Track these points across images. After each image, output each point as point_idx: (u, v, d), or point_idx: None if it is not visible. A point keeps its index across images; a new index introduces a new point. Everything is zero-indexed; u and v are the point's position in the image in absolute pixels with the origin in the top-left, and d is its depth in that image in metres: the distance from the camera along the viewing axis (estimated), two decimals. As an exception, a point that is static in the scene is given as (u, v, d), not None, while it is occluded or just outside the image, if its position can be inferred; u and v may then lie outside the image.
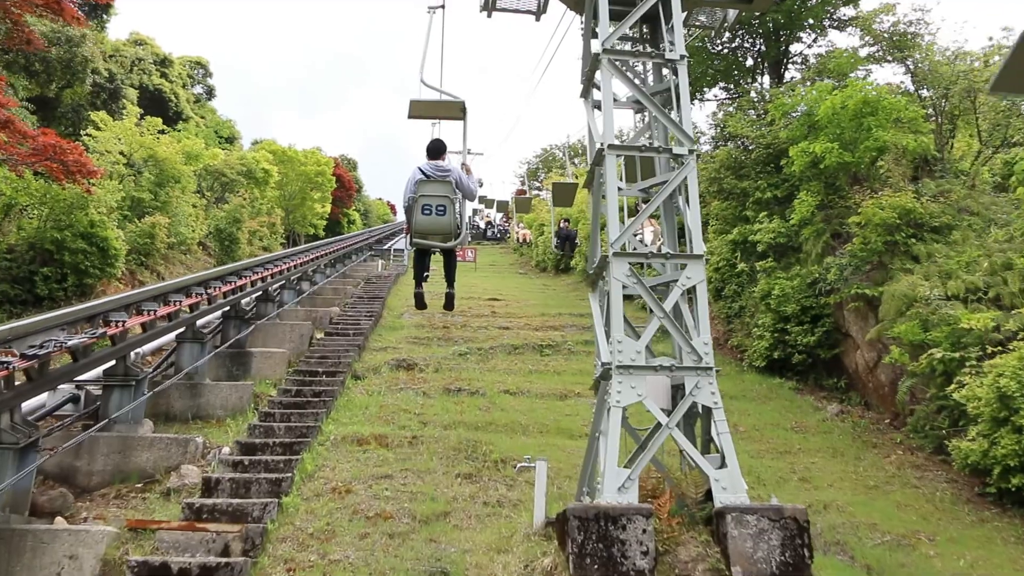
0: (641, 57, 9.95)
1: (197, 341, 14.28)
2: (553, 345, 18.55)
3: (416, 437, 12.01)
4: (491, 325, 21.64)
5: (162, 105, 43.05)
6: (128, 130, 22.54)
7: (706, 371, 8.56)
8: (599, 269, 9.30)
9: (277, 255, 21.57)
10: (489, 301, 25.88)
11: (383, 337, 19.95)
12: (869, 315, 14.85)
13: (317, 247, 27.68)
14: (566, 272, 35.57)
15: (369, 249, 40.15)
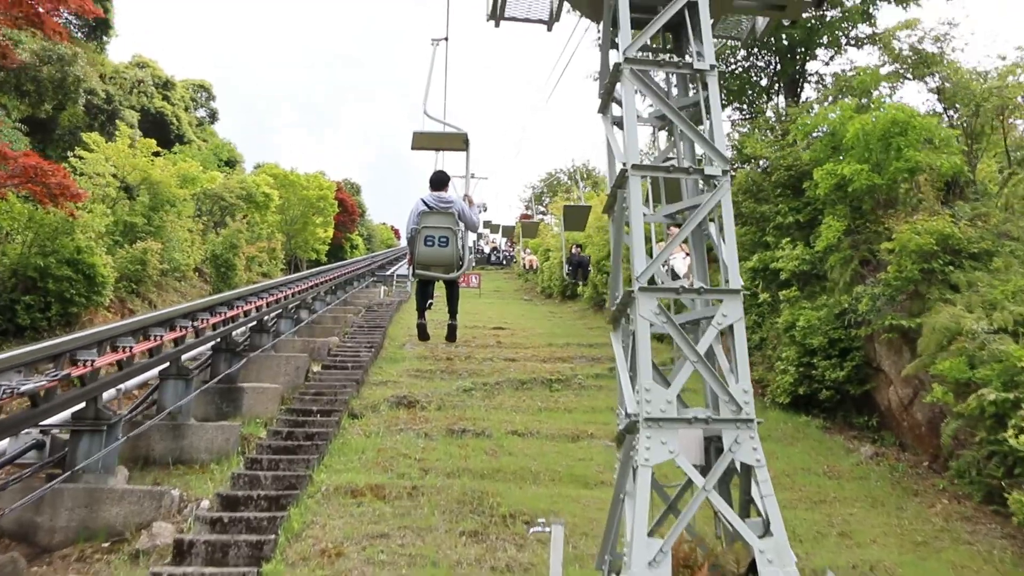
0: (667, 67, 8.81)
1: (182, 377, 13.15)
2: (563, 379, 17.36)
3: (416, 487, 10.82)
4: (496, 356, 20.48)
5: (163, 128, 42.20)
6: (121, 152, 21.50)
7: (747, 424, 7.37)
8: (622, 306, 8.15)
9: (274, 283, 20.47)
10: (494, 330, 24.75)
11: (383, 370, 18.79)
12: (904, 348, 13.67)
13: (317, 274, 26.59)
14: (572, 299, 34.44)
15: (371, 275, 39.05)
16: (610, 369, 18.27)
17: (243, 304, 16.33)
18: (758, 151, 17.09)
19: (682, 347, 7.74)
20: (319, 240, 41.43)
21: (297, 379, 17.63)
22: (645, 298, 7.63)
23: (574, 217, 18.04)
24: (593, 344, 22.32)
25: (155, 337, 11.91)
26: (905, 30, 18.27)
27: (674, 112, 8.46)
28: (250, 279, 28.03)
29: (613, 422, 14.94)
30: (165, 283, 22.44)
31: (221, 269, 24.38)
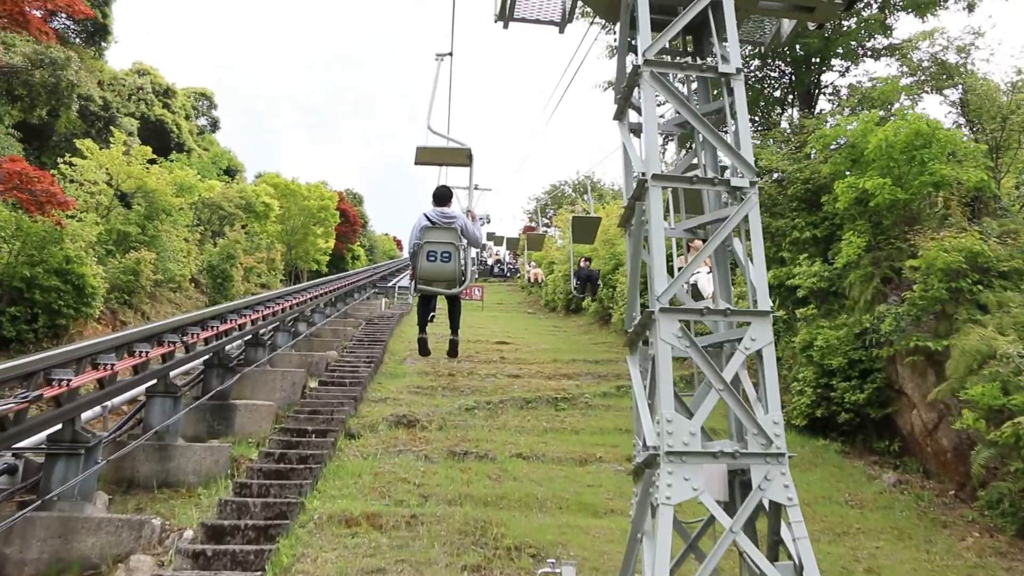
0: (689, 70, 8.18)
1: (170, 395, 12.48)
2: (569, 398, 16.68)
3: (415, 516, 10.12)
4: (500, 372, 19.81)
5: (164, 136, 41.66)
6: (115, 159, 20.89)
7: (778, 458, 6.71)
8: (641, 327, 7.48)
9: (270, 295, 19.83)
10: (497, 345, 24.07)
11: (383, 386, 18.11)
12: (928, 371, 13.00)
13: (316, 286, 25.96)
14: (577, 313, 33.76)
15: (372, 286, 38.40)
16: (618, 388, 17.62)
17: (237, 318, 15.67)
18: (773, 163, 16.45)
19: (707, 373, 7.08)
20: (320, 251, 40.83)
21: (293, 395, 16.97)
22: (666, 319, 6.98)
23: (583, 229, 17.37)
24: (599, 360, 21.64)
25: (140, 353, 11.24)
26: (924, 41, 17.71)
27: (698, 118, 7.83)
28: (248, 290, 27.40)
29: (623, 445, 14.30)
30: (159, 294, 21.80)
31: (217, 280, 23.74)
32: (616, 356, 22.31)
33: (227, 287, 23.75)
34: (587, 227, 17.33)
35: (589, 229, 17.37)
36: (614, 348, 23.91)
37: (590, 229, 17.42)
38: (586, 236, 17.77)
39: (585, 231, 17.35)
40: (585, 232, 17.38)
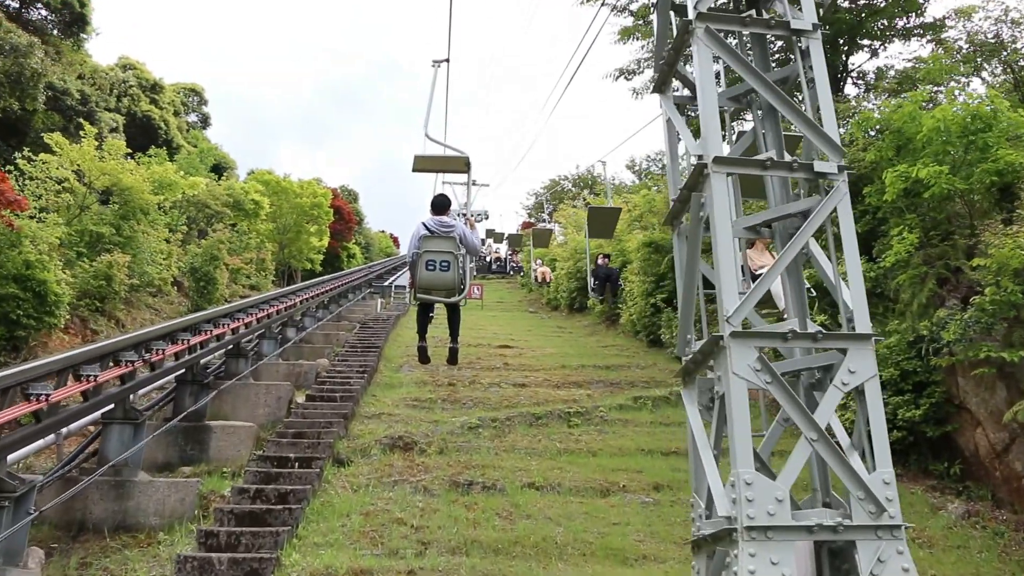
0: (753, 26, 6.43)
1: (129, 422, 10.72)
2: (582, 412, 14.94)
3: (413, 573, 8.36)
4: (504, 381, 18.09)
5: (151, 133, 39.84)
6: (87, 155, 19.09)
7: (892, 531, 5.06)
8: (702, 356, 5.75)
9: (254, 300, 18.06)
10: (500, 349, 22.34)
11: (378, 399, 16.38)
12: (998, 385, 11.31)
13: (307, 288, 24.16)
14: (581, 312, 32.01)
15: (368, 286, 36.60)
16: (635, 400, 15.94)
17: (212, 328, 13.90)
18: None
19: (795, 418, 5.38)
20: (313, 249, 38.98)
21: (278, 411, 15.28)
22: (740, 347, 5.26)
23: (600, 221, 15.53)
24: (610, 366, 19.92)
25: (87, 378, 9.47)
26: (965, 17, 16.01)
27: (768, 87, 6.09)
28: (235, 293, 25.63)
29: (647, 470, 12.57)
30: (136, 299, 20.02)
31: (200, 283, 21.95)
32: (627, 361, 20.60)
33: (211, 291, 21.96)
34: (605, 219, 15.51)
35: (607, 221, 15.56)
36: (624, 352, 22.19)
37: (608, 221, 15.61)
38: (604, 229, 15.96)
39: (603, 224, 15.53)
40: (603, 225, 15.59)
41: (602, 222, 15.52)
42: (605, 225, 15.67)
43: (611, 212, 15.86)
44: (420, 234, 8.76)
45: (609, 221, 15.62)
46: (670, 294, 22.06)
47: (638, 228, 26.31)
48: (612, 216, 15.80)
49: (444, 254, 8.69)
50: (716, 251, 5.50)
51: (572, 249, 31.34)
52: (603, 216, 15.59)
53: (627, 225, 26.06)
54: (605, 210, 16.02)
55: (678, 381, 6.37)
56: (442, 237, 8.75)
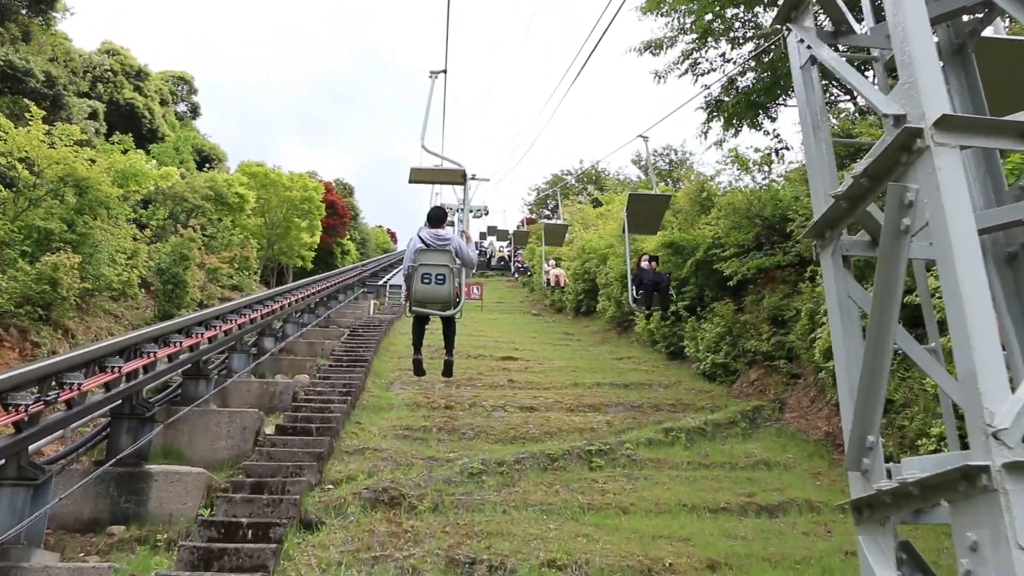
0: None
1: (25, 483, 7.99)
2: (605, 451, 12.21)
3: None
4: (510, 403, 15.39)
5: (135, 121, 37.09)
6: (33, 141, 16.30)
7: None
8: (923, 492, 3.02)
9: (222, 309, 15.29)
10: (503, 361, 19.65)
11: (362, 427, 13.68)
12: None
13: (291, 290, 21.36)
14: (588, 315, 29.29)
15: (361, 285, 33.81)
16: (666, 432, 13.27)
17: (156, 349, 11.14)
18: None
19: None
20: (304, 246, 36.20)
21: (243, 444, 12.61)
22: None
23: (643, 213, 12.62)
24: (628, 384, 17.23)
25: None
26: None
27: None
28: (212, 296, 22.87)
29: (696, 537, 9.71)
30: (92, 305, 17.24)
31: (168, 286, 19.19)
32: (646, 378, 17.92)
33: (180, 295, 19.19)
34: (649, 210, 12.60)
35: (651, 214, 12.66)
36: (642, 365, 19.51)
37: (652, 214, 12.71)
38: (647, 222, 13.01)
39: (646, 216, 12.61)
40: (646, 217, 12.66)
41: (646, 214, 12.65)
42: (648, 218, 12.81)
43: (656, 201, 12.97)
44: (416, 247, 8.71)
45: (654, 213, 12.77)
46: (692, 300, 19.40)
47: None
48: (658, 207, 12.92)
49: (440, 267, 8.56)
50: (950, 282, 2.81)
51: (579, 248, 28.55)
52: (646, 207, 12.71)
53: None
54: (648, 198, 13.11)
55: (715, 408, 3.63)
56: (438, 250, 8.66)
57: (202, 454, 12.46)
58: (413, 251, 8.73)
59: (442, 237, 8.75)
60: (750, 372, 16.74)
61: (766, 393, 15.82)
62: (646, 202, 12.74)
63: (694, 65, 16.88)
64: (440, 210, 9.30)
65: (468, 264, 9.08)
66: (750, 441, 13.41)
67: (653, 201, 12.87)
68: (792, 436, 13.47)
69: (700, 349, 17.90)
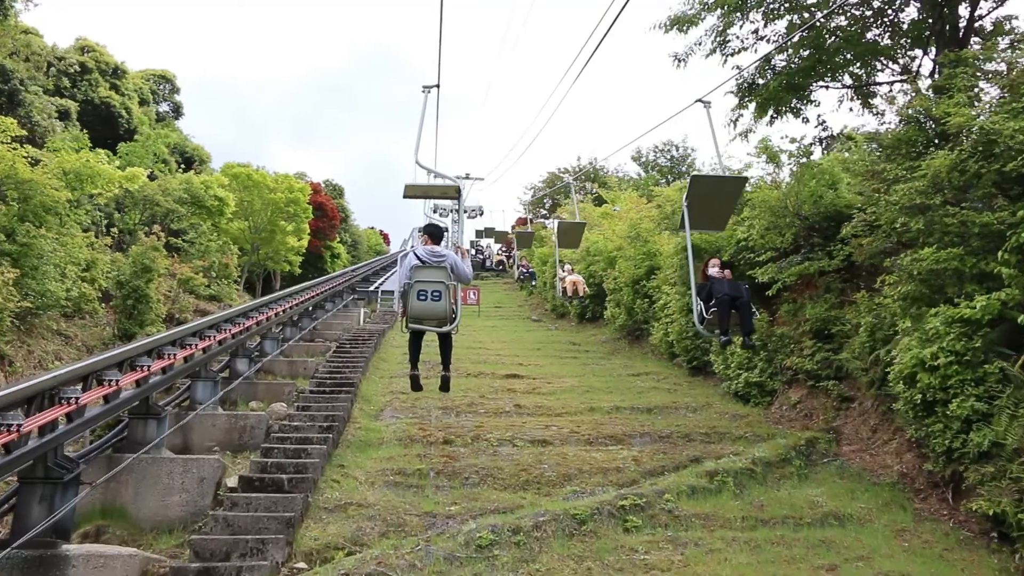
0: None
1: None
2: (641, 505, 9.76)
3: None
4: (518, 435, 13.00)
5: (111, 122, 34.56)
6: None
7: None
8: None
9: (179, 332, 12.76)
10: (507, 380, 17.28)
11: (346, 471, 11.27)
12: None
13: (268, 303, 18.81)
14: (593, 322, 26.91)
15: (351, 291, 31.28)
16: (709, 476, 10.85)
17: (76, 397, 8.63)
18: (969, 121, 9.57)
19: None
20: (291, 250, 33.66)
21: (200, 499, 10.27)
22: None
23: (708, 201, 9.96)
24: (652, 408, 14.86)
25: None
26: None
27: None
28: (184, 308, 20.35)
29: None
30: (36, 326, 14.73)
31: (128, 302, 16.68)
32: (670, 399, 15.55)
33: (142, 311, 16.69)
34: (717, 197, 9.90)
35: (721, 202, 9.98)
36: (663, 382, 17.13)
37: (722, 202, 10.03)
38: (713, 215, 10.28)
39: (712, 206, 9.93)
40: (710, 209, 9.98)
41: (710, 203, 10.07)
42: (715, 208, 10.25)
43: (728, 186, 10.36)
44: (412, 264, 8.77)
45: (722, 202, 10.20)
46: (717, 309, 17.05)
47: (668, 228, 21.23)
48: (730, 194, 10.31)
49: (436, 284, 8.60)
50: None
51: (584, 250, 26.00)
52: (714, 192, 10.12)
53: (656, 224, 20.94)
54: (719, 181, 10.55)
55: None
56: (434, 267, 8.69)
57: (150, 512, 10.12)
58: (409, 268, 8.74)
59: (438, 254, 8.80)
60: (790, 393, 14.38)
61: (812, 419, 13.46)
62: (714, 187, 10.02)
63: (723, 43, 14.47)
64: (436, 227, 9.38)
65: (463, 280, 9.14)
66: (809, 484, 11.03)
67: (724, 186, 10.14)
68: (858, 477, 11.08)
69: (731, 366, 15.53)
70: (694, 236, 17.30)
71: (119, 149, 27.82)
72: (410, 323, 8.78)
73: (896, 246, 12.83)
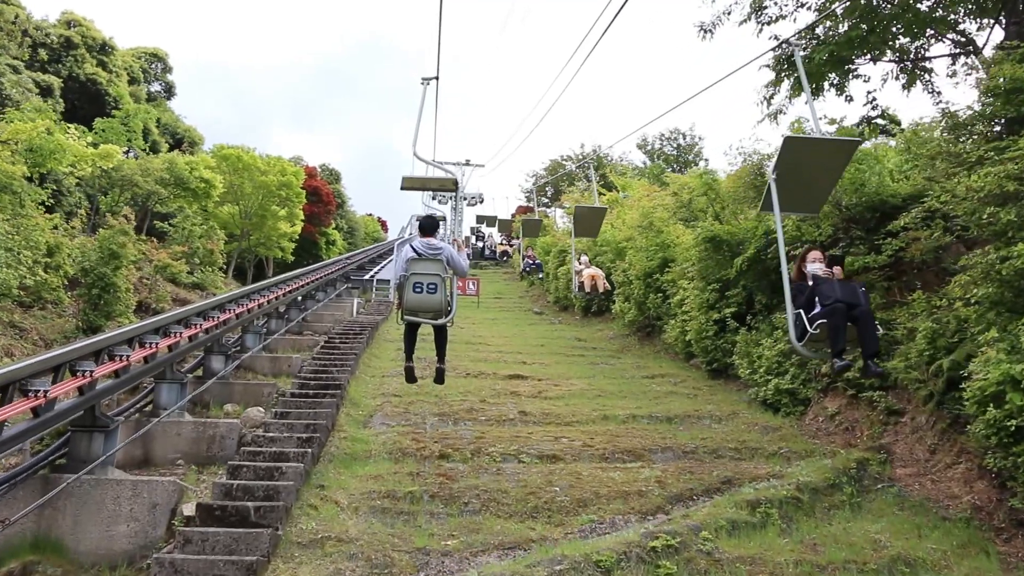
0: None
1: None
2: (674, 546, 8.00)
3: None
4: (524, 448, 11.33)
5: (97, 100, 32.68)
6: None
7: None
8: None
9: (138, 327, 11.01)
10: (510, 381, 15.62)
11: (326, 495, 9.58)
12: None
13: (252, 293, 17.01)
14: (599, 316, 25.18)
15: (345, 280, 29.48)
16: (750, 507, 9.16)
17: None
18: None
19: None
20: (284, 236, 31.83)
21: (152, 529, 8.66)
22: None
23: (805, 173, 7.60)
24: (672, 417, 13.18)
25: None
26: None
27: None
28: (162, 298, 18.58)
29: None
30: (-14, 319, 13.00)
31: (93, 291, 14.91)
32: (691, 406, 13.87)
33: (109, 301, 14.93)
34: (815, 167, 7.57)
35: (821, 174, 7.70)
36: (680, 386, 15.45)
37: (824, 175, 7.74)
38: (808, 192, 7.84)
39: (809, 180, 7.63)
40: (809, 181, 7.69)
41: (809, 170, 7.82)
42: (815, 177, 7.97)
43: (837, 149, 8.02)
44: (408, 256, 8.74)
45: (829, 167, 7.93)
46: (739, 307, 15.38)
47: (684, 218, 19.49)
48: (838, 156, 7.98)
49: (432, 276, 8.58)
50: None
51: (590, 240, 24.16)
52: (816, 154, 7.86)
53: (672, 213, 19.20)
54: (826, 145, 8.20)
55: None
56: (430, 260, 8.65)
57: (91, 544, 8.45)
58: (405, 260, 8.75)
59: (434, 246, 8.77)
60: (826, 402, 12.68)
61: (854, 433, 11.78)
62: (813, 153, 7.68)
63: (759, 10, 12.70)
64: (432, 219, 9.34)
65: (460, 273, 9.23)
66: (865, 516, 9.33)
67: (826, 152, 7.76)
68: (921, 509, 9.38)
69: (758, 370, 13.83)
70: (717, 228, 15.99)
71: (95, 125, 25.89)
72: (405, 315, 8.81)
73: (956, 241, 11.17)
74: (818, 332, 7.47)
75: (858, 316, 7.47)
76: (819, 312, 7.53)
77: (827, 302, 7.47)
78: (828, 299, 7.49)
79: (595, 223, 18.16)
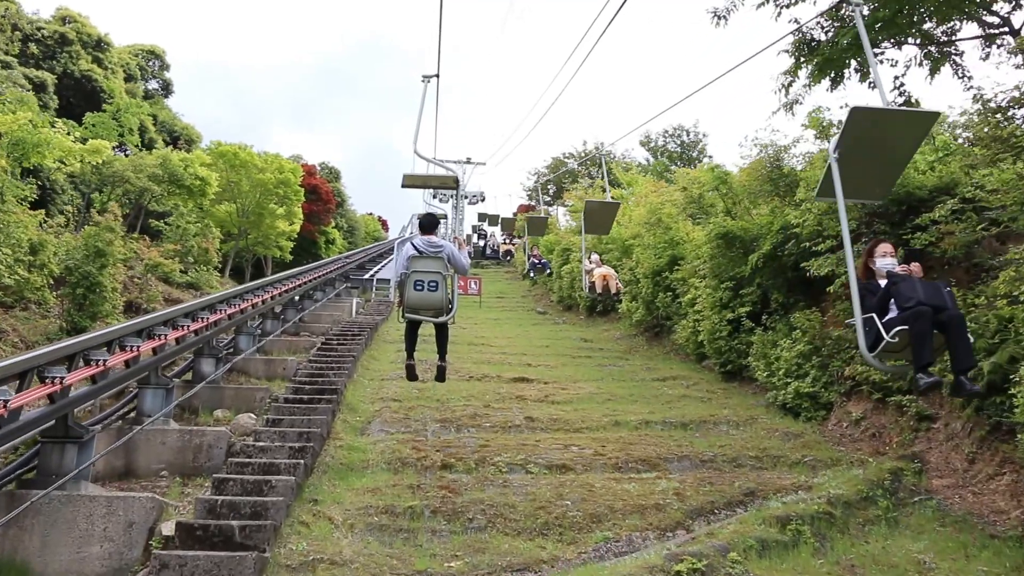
0: None
1: None
2: (700, 571, 7.22)
3: None
4: (532, 458, 10.53)
5: (92, 97, 31.88)
6: None
7: None
8: None
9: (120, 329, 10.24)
10: (515, 385, 14.82)
11: (319, 511, 8.80)
12: None
13: (245, 293, 16.23)
14: (604, 315, 24.39)
15: (344, 279, 28.68)
16: (781, 524, 8.35)
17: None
18: None
19: None
20: (282, 235, 31.04)
21: (128, 551, 7.93)
22: None
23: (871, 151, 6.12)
24: (687, 422, 12.39)
25: None
26: None
27: None
28: (153, 298, 17.79)
29: None
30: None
31: (78, 291, 14.14)
32: (706, 410, 13.08)
33: (95, 301, 14.16)
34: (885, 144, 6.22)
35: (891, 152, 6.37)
36: (693, 389, 14.66)
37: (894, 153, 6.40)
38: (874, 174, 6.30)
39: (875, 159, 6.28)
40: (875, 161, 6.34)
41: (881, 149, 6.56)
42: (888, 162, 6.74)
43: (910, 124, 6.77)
44: (409, 254, 8.68)
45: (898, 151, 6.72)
46: (754, 306, 14.59)
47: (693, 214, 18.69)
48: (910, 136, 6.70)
49: (432, 274, 8.50)
50: None
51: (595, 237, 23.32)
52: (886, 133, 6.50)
53: (681, 209, 18.42)
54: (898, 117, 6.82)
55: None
56: (431, 257, 8.61)
57: (61, 567, 7.67)
58: (405, 258, 8.72)
59: (435, 244, 8.73)
60: (850, 407, 11.89)
61: (882, 440, 10.99)
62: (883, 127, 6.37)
63: (780, -11, 11.91)
64: (432, 217, 9.36)
65: (460, 270, 9.14)
66: (904, 533, 8.54)
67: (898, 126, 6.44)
68: (965, 525, 8.57)
69: (776, 373, 13.04)
70: (730, 224, 15.21)
71: (85, 120, 25.11)
72: (406, 313, 8.76)
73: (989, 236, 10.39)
74: (896, 341, 6.19)
75: (946, 322, 6.13)
76: (898, 316, 6.30)
77: (908, 304, 6.19)
78: (909, 301, 6.21)
79: (607, 219, 17.26)
